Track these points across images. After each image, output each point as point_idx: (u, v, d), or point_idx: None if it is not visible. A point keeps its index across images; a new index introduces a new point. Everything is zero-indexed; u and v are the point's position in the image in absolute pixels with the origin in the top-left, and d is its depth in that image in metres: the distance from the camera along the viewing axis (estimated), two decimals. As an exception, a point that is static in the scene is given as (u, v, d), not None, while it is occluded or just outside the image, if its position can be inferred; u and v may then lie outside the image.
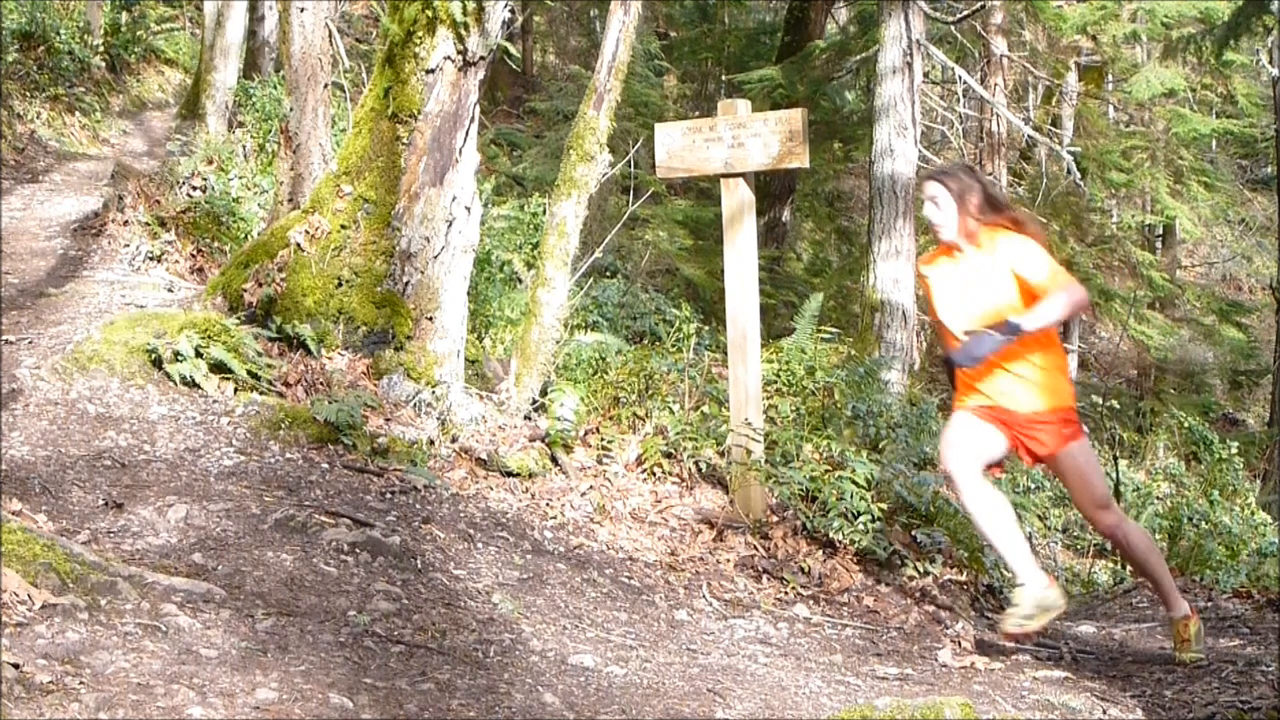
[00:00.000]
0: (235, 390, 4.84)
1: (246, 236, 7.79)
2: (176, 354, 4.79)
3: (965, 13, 11.93)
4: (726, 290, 5.22)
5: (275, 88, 10.86)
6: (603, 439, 5.44)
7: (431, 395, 5.20)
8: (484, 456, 4.96)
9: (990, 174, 14.17)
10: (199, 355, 4.82)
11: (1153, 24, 12.74)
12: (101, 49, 13.39)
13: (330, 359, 5.22)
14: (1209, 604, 5.48)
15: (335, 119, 7.92)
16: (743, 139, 5.09)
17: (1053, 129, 14.99)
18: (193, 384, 4.78)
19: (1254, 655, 4.27)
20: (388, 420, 4.98)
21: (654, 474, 5.24)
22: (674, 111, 15.60)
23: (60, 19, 13.05)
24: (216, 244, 7.74)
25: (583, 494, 4.94)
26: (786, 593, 4.49)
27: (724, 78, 16.15)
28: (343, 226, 5.36)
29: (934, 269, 4.23)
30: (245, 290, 5.44)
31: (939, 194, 4.12)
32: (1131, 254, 14.81)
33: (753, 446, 5.06)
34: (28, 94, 11.76)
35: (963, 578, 4.96)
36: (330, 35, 6.87)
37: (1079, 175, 13.10)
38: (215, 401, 4.73)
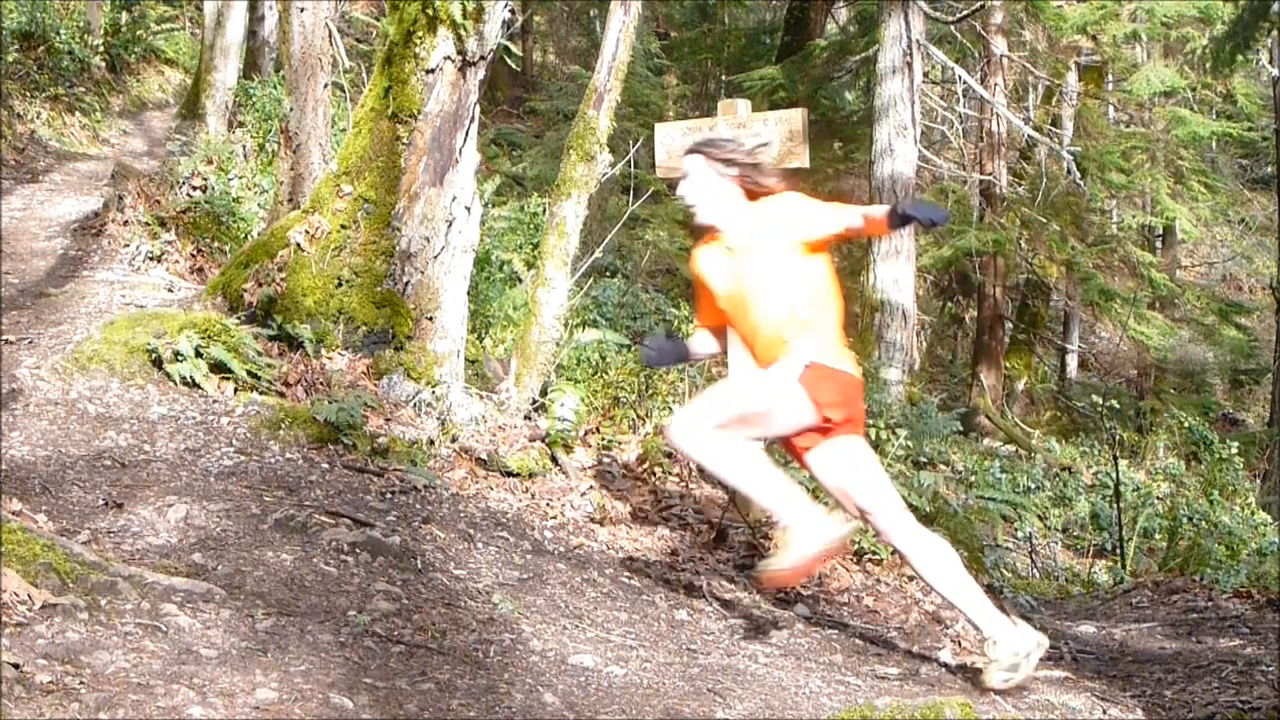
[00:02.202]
0: (235, 390, 4.84)
1: (246, 236, 7.79)
2: (176, 354, 4.79)
3: (965, 13, 11.94)
4: (726, 290, 5.22)
5: (275, 88, 10.86)
6: (603, 439, 5.44)
7: (431, 395, 5.20)
8: (484, 456, 4.96)
9: (990, 174, 14.18)
10: (199, 355, 4.82)
11: (1152, 24, 12.75)
12: (101, 49, 13.39)
13: (330, 359, 5.22)
14: (1209, 604, 5.48)
15: (335, 119, 7.92)
16: (743, 139, 5.09)
17: (1053, 129, 14.99)
18: (193, 384, 4.78)
19: (1254, 655, 4.27)
20: (388, 420, 4.98)
21: (654, 474, 5.24)
22: (674, 111, 15.60)
23: (60, 19, 13.05)
24: (216, 244, 7.74)
25: (583, 494, 4.94)
26: (787, 593, 4.49)
27: (724, 78, 16.15)
28: (343, 226, 5.36)
29: (706, 257, 3.81)
30: (245, 290, 5.44)
31: (693, 169, 3.71)
32: (1131, 254, 14.81)
33: (753, 446, 5.06)
34: (28, 94, 11.75)
35: (963, 578, 4.95)
36: (330, 35, 6.87)
37: (1079, 175, 13.10)
38: (215, 401, 4.73)
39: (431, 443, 4.94)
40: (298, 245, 5.35)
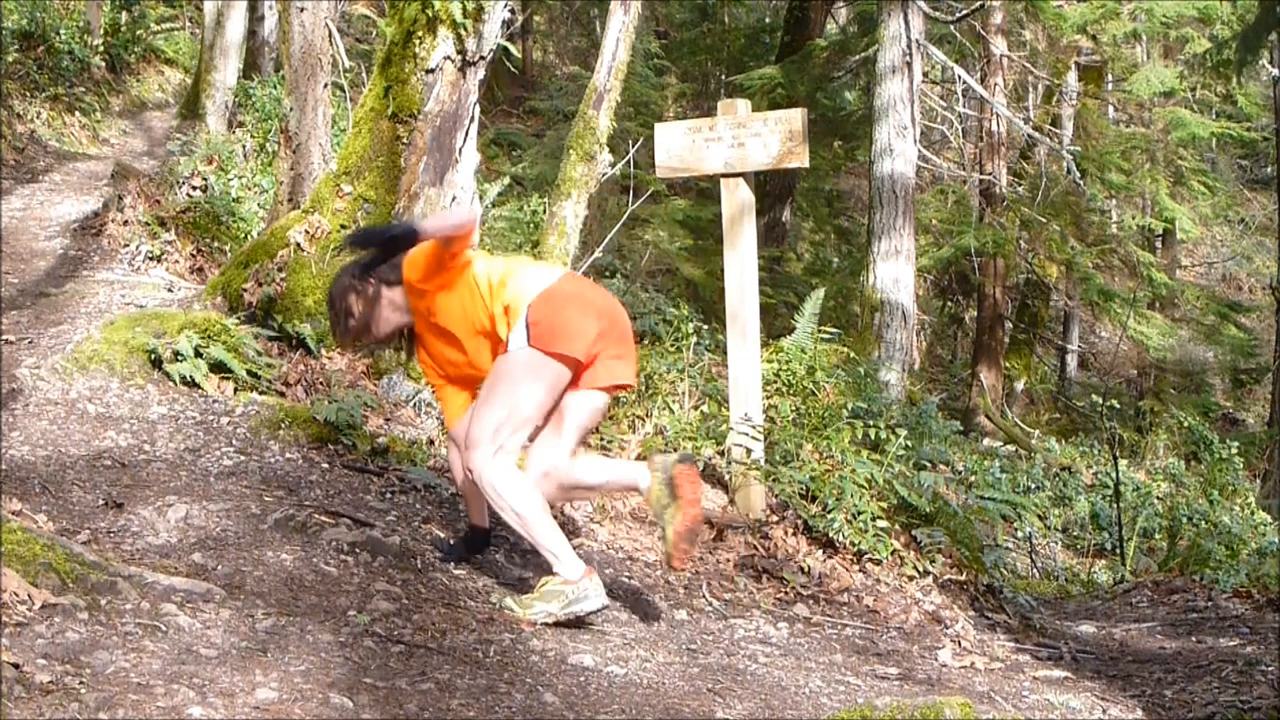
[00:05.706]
0: (235, 390, 4.84)
1: (246, 236, 7.79)
2: (176, 354, 4.79)
3: (965, 12, 11.94)
4: (726, 290, 5.22)
5: (275, 88, 10.86)
6: (602, 439, 5.44)
7: (431, 395, 5.20)
8: (484, 456, 4.96)
9: (990, 174, 14.19)
10: (199, 355, 4.82)
11: (1152, 23, 12.75)
12: (101, 49, 13.39)
13: (330, 359, 5.22)
14: (1209, 604, 5.49)
15: (335, 119, 7.92)
16: (743, 139, 5.09)
17: (1053, 129, 14.98)
18: (193, 384, 4.78)
19: (1254, 655, 4.28)
20: (388, 420, 4.98)
21: (654, 474, 5.24)
22: (674, 111, 15.61)
23: (60, 19, 13.05)
24: (216, 244, 7.75)
25: (583, 494, 4.94)
26: (786, 593, 4.49)
27: (724, 77, 16.15)
28: (343, 226, 5.36)
29: (428, 345, 3.72)
30: (245, 290, 5.44)
31: (344, 302, 3.64)
32: (1131, 254, 14.81)
33: (753, 446, 5.06)
34: (28, 94, 11.75)
35: (963, 578, 4.96)
36: (330, 35, 6.87)
37: (1079, 175, 13.10)
38: (215, 401, 4.73)
39: (431, 443, 4.94)
40: (298, 245, 5.35)
